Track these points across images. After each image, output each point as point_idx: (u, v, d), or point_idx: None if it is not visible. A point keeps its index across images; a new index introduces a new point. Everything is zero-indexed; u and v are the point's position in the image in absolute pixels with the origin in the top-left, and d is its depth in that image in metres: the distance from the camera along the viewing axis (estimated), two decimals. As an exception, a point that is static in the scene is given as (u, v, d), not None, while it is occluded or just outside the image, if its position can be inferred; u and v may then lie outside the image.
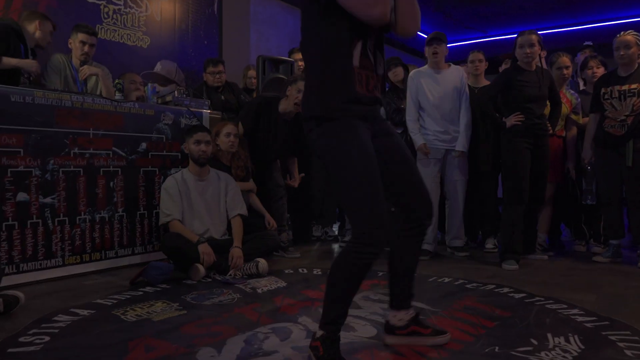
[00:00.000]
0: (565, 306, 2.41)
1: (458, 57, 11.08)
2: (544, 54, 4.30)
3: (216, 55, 5.42)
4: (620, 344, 1.90)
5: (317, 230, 4.56)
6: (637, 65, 3.43)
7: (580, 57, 4.49)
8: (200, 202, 3.18)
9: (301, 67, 5.02)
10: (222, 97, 4.43)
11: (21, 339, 1.96)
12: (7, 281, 2.66)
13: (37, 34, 3.44)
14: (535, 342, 1.93)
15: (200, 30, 5.25)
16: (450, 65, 3.88)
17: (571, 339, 1.96)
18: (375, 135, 1.76)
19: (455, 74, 3.79)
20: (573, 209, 4.10)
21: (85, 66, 3.52)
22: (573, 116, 3.89)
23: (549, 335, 1.99)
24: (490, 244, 4.01)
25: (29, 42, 3.42)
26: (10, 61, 3.13)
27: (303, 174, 3.86)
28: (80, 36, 3.54)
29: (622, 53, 3.40)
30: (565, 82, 3.89)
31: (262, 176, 3.87)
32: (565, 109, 3.83)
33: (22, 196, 2.79)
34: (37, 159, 2.85)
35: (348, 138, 1.66)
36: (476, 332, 2.06)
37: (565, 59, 3.84)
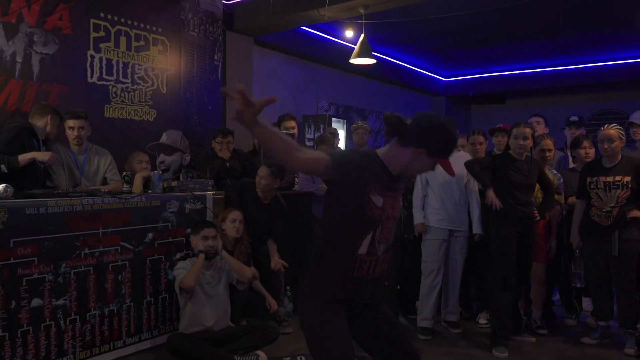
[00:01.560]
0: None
1: (459, 91, 11.29)
2: (546, 130, 4.48)
3: (221, 118, 5.61)
4: None
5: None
6: (620, 157, 3.58)
7: (568, 132, 4.65)
8: (205, 300, 3.34)
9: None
10: (228, 164, 4.61)
11: None
12: (22, 385, 2.84)
13: (48, 128, 3.66)
14: None
15: (205, 97, 5.44)
16: (460, 150, 4.12)
17: None
18: (359, 315, 1.91)
19: (465, 159, 3.98)
20: (564, 285, 4.23)
21: None
22: (556, 196, 4.01)
23: None
24: (483, 319, 4.16)
25: (40, 136, 3.63)
26: (25, 156, 3.34)
27: (285, 264, 3.98)
28: (69, 122, 3.74)
29: (605, 146, 3.55)
30: (546, 163, 4.02)
31: (258, 256, 4.05)
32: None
33: (36, 302, 2.96)
34: (50, 265, 3.02)
35: (326, 326, 1.79)
36: None
37: (548, 142, 4.00)
